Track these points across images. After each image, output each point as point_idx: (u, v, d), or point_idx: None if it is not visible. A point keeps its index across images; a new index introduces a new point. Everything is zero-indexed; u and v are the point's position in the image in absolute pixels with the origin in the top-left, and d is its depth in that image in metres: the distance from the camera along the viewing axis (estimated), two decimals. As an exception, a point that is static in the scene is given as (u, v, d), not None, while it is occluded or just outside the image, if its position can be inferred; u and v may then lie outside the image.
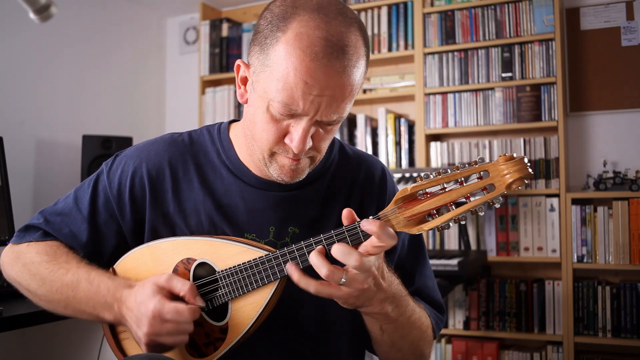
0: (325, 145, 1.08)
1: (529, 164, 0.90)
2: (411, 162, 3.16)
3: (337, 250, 0.94)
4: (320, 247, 0.97)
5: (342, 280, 0.94)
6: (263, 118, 1.03)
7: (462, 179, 0.93)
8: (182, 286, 1.01)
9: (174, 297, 1.03)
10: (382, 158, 3.16)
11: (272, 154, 1.06)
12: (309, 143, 1.02)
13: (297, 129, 1.00)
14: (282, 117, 1.01)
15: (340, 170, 1.21)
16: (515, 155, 0.91)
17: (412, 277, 1.22)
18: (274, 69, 0.98)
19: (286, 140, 1.03)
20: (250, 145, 1.10)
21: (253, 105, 1.05)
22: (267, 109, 1.01)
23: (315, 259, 0.94)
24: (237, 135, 1.18)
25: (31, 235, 1.18)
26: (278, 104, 0.99)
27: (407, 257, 1.23)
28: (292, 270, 0.97)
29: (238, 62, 1.09)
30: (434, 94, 3.08)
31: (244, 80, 1.09)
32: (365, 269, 0.94)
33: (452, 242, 3.05)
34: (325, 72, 0.96)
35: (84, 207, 1.17)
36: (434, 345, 2.99)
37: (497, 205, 0.92)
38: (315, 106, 0.98)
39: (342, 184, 1.20)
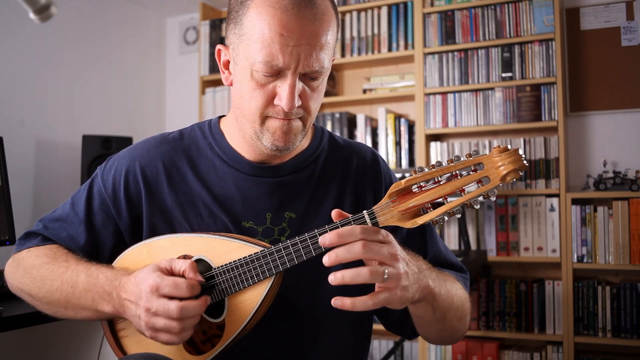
0: (313, 106, 1.10)
1: (523, 155, 0.90)
2: (411, 162, 3.16)
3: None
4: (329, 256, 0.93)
5: (385, 276, 0.91)
6: (249, 87, 1.06)
7: (457, 172, 0.93)
8: (183, 264, 1.01)
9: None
10: (382, 158, 3.16)
11: (263, 121, 1.08)
12: (298, 101, 1.05)
13: (284, 87, 1.04)
14: (267, 80, 1.04)
15: (331, 157, 1.23)
16: (509, 147, 0.91)
17: (424, 248, 1.23)
18: (250, 33, 1.02)
19: (275, 101, 1.05)
20: (241, 124, 1.12)
21: (238, 80, 1.09)
22: (251, 75, 1.04)
23: (351, 272, 0.91)
24: (228, 127, 1.20)
25: (31, 242, 1.20)
26: (260, 64, 1.02)
27: (414, 231, 1.22)
28: (342, 302, 0.92)
29: (218, 46, 1.13)
30: (434, 94, 3.08)
31: (227, 64, 1.13)
32: (382, 254, 0.92)
33: (452, 242, 3.05)
34: (298, 21, 1.01)
35: (80, 210, 1.18)
36: (434, 345, 3.00)
37: (493, 198, 0.92)
38: (295, 57, 1.01)
39: (334, 169, 1.22)
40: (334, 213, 0.98)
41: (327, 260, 0.93)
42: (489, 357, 2.88)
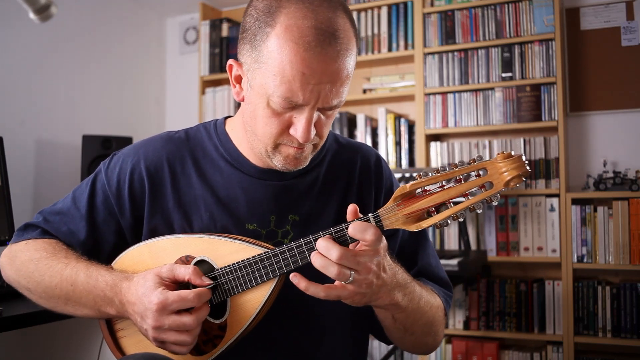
0: (326, 131, 1.10)
1: (526, 162, 0.92)
2: (411, 162, 3.16)
3: (320, 246, 0.95)
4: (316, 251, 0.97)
5: (350, 278, 0.94)
6: (264, 113, 1.04)
7: (461, 176, 0.94)
8: (186, 271, 1.01)
9: (179, 287, 1.03)
10: (382, 158, 3.16)
11: (276, 146, 1.07)
12: (313, 131, 1.03)
13: (300, 120, 1.02)
14: (284, 110, 1.02)
15: (336, 159, 1.23)
16: (513, 153, 0.93)
17: (414, 258, 1.24)
18: (269, 64, 0.99)
19: (291, 131, 1.04)
20: (252, 140, 1.11)
21: (252, 103, 1.06)
22: (268, 104, 1.02)
23: (320, 260, 0.95)
24: (234, 129, 1.19)
25: (30, 234, 1.18)
26: (278, 98, 1.00)
27: (408, 239, 1.24)
28: (299, 279, 0.96)
29: (230, 61, 1.10)
30: (434, 94, 3.08)
31: (238, 79, 1.10)
32: (357, 263, 0.95)
33: (452, 242, 3.05)
34: (321, 60, 0.97)
35: (82, 206, 1.17)
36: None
37: (495, 203, 0.94)
38: (315, 95, 0.99)
39: (339, 172, 1.21)
40: (351, 208, 0.99)
41: (318, 261, 0.96)
42: (489, 357, 2.88)
